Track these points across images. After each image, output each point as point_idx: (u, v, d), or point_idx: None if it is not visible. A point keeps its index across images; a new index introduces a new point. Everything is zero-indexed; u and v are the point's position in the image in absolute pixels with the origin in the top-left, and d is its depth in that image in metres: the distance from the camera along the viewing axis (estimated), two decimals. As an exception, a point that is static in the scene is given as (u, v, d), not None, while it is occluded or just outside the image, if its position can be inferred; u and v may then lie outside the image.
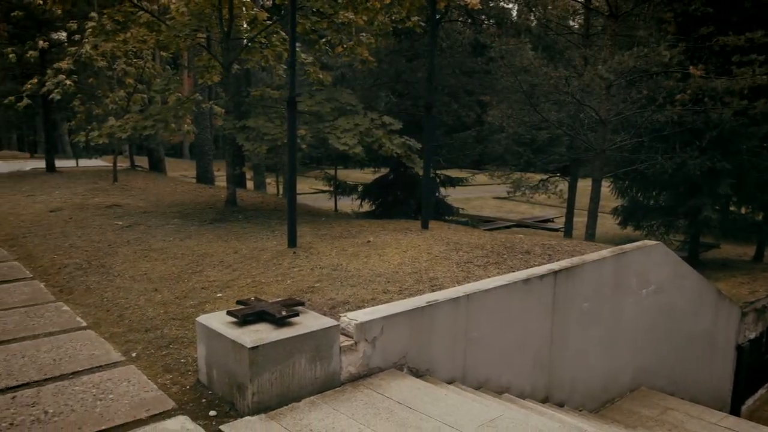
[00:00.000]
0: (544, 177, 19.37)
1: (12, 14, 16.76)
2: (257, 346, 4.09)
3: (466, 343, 5.56)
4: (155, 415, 4.07)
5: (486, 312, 5.73)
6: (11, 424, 3.89)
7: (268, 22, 12.09)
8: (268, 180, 25.40)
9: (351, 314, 4.86)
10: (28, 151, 42.78)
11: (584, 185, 20.03)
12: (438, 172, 17.04)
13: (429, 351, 5.21)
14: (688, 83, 15.05)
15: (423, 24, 11.11)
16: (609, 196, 20.65)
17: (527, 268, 6.69)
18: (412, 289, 5.90)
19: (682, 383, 9.17)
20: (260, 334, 4.26)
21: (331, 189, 20.15)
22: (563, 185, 19.76)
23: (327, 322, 4.57)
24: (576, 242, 8.67)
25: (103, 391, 4.39)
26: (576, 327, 6.94)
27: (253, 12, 11.83)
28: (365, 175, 20.97)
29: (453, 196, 21.36)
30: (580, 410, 7.10)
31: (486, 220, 23.36)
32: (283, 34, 12.26)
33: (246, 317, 4.49)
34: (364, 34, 11.72)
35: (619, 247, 7.75)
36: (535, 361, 6.44)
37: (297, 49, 12.08)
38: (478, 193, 34.83)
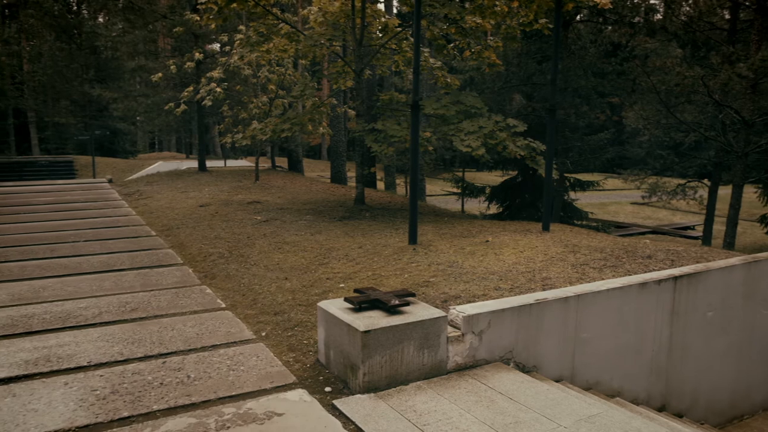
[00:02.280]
0: (682, 182, 18.29)
1: (174, 30, 18.64)
2: (369, 331, 4.46)
3: (576, 343, 5.61)
4: (278, 387, 4.57)
5: (597, 313, 5.74)
6: (161, 383, 4.55)
7: (398, 29, 12.58)
8: (398, 181, 26.09)
9: (459, 307, 5.10)
10: (184, 152, 46.71)
11: (728, 192, 18.77)
12: (567, 175, 16.71)
13: (536, 348, 5.33)
14: None
15: (551, 26, 11.05)
16: (757, 204, 19.14)
17: (646, 272, 6.57)
18: (523, 287, 6.03)
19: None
20: (373, 320, 4.63)
21: (460, 191, 20.36)
22: (703, 191, 18.57)
23: (435, 312, 4.85)
24: (705, 249, 8.30)
25: (236, 362, 4.97)
26: (699, 336, 6.70)
27: (384, 20, 12.36)
28: (494, 178, 20.99)
29: (586, 200, 20.81)
30: (702, 423, 6.85)
31: (619, 226, 22.46)
32: (413, 40, 12.70)
33: (361, 304, 4.89)
34: (491, 38, 11.86)
35: (752, 255, 7.35)
36: (651, 368, 6.32)
37: (426, 53, 12.48)
38: (614, 198, 33.50)
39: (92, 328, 5.77)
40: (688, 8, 18.29)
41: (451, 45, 12.14)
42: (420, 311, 4.85)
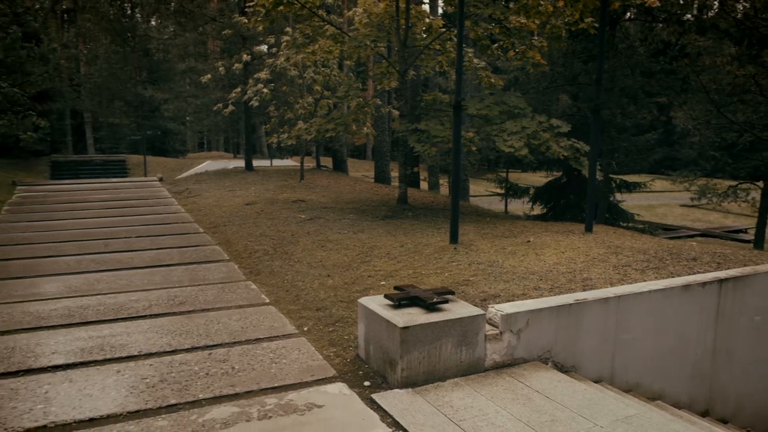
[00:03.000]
0: (734, 183, 17.74)
1: (223, 32, 19.10)
2: (408, 327, 4.56)
3: (615, 344, 5.58)
4: (318, 380, 4.70)
5: (638, 315, 5.70)
6: (207, 374, 4.74)
7: (442, 29, 12.63)
8: (441, 181, 26.10)
9: (498, 306, 5.15)
10: (232, 152, 47.62)
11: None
12: (613, 176, 16.45)
13: (575, 348, 5.33)
14: None
15: (596, 25, 10.94)
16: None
17: (690, 274, 6.48)
18: (563, 287, 6.02)
19: None
20: (412, 316, 4.72)
21: (504, 191, 20.27)
22: (756, 193, 17.99)
23: (474, 310, 4.91)
24: (754, 252, 8.11)
25: (278, 356, 5.13)
26: (745, 340, 6.57)
27: (428, 21, 12.42)
28: (539, 178, 20.83)
29: (634, 202, 20.45)
30: (748, 430, 6.72)
31: (667, 228, 21.96)
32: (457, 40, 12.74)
33: (401, 301, 4.98)
34: (536, 38, 11.80)
35: (805, 259, 7.16)
36: (693, 371, 6.23)
37: (470, 54, 12.49)
38: (663, 200, 32.74)
39: (143, 320, 6.02)
40: (745, 4, 17.75)
41: (496, 45, 12.11)
42: (458, 309, 4.92)
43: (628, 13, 13.73)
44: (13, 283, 7.42)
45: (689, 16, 15.91)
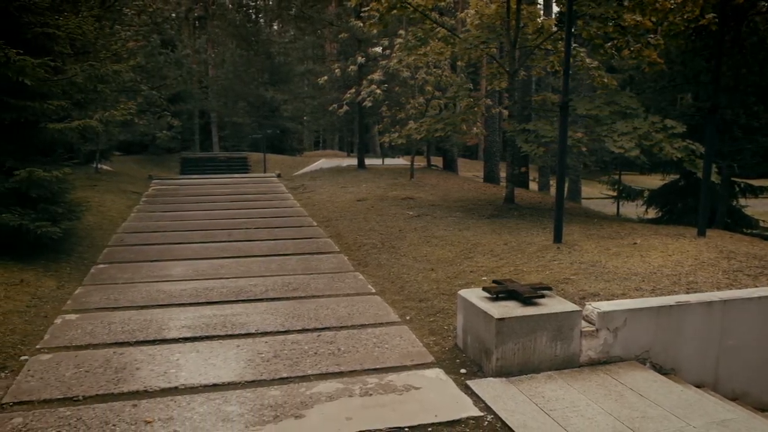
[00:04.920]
0: None
1: (339, 36, 19.90)
2: (503, 318, 4.76)
3: (720, 350, 5.47)
4: (417, 365, 5.01)
5: (747, 321, 5.54)
6: (315, 353, 5.17)
7: (554, 29, 12.55)
8: (551, 182, 25.63)
9: (595, 303, 5.22)
10: (346, 151, 48.97)
11: None
12: (735, 179, 15.52)
13: (675, 350, 5.29)
14: None
15: (719, 21, 10.48)
16: None
17: (809, 282, 6.19)
18: (666, 290, 5.96)
19: None
20: (508, 309, 4.91)
21: (616, 194, 19.66)
22: None
23: (569, 306, 5.02)
24: None
25: (381, 341, 5.48)
26: None
27: (539, 21, 12.40)
28: (655, 181, 20.01)
29: (763, 207, 19.17)
30: None
31: (800, 237, 20.35)
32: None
33: (498, 294, 5.19)
34: (651, 36, 11.46)
35: None
36: (809, 384, 5.95)
37: (582, 53, 12.34)
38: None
39: (260, 303, 6.60)
40: None
41: (609, 44, 11.87)
42: (554, 304, 5.05)
43: (756, 8, 12.93)
44: (150, 265, 8.31)
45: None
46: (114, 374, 4.68)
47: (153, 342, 5.40)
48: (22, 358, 5.00)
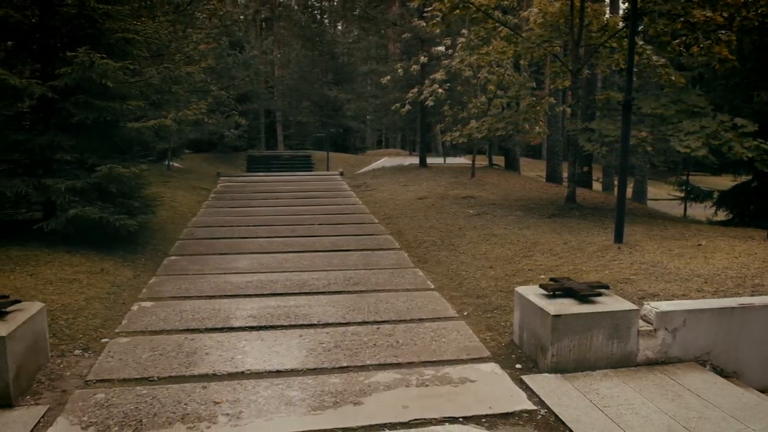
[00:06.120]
0: None
1: (402, 36, 20.08)
2: (559, 315, 4.82)
3: (786, 354, 5.34)
4: (473, 359, 5.13)
5: (815, 326, 5.39)
6: (374, 345, 5.36)
7: (620, 26, 12.35)
8: (615, 181, 25.05)
9: (653, 303, 5.21)
10: (408, 149, 49.15)
11: None
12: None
13: (737, 353, 5.20)
14: None
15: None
16: None
17: None
18: (729, 292, 5.86)
19: None
20: (564, 306, 4.97)
21: (683, 195, 19.09)
22: None
23: (627, 305, 5.04)
24: None
25: (438, 335, 5.63)
26: None
27: (604, 19, 12.23)
28: (726, 182, 19.32)
29: None
30: None
31: None
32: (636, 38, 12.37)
33: (555, 291, 5.25)
34: (723, 32, 11.13)
35: None
36: None
37: (648, 51, 12.10)
38: None
39: (322, 295, 6.86)
40: None
41: (677, 41, 11.59)
42: (611, 303, 5.07)
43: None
44: (219, 258, 8.71)
45: None
46: (185, 358, 5.00)
47: (221, 330, 5.72)
48: (103, 340, 5.39)
